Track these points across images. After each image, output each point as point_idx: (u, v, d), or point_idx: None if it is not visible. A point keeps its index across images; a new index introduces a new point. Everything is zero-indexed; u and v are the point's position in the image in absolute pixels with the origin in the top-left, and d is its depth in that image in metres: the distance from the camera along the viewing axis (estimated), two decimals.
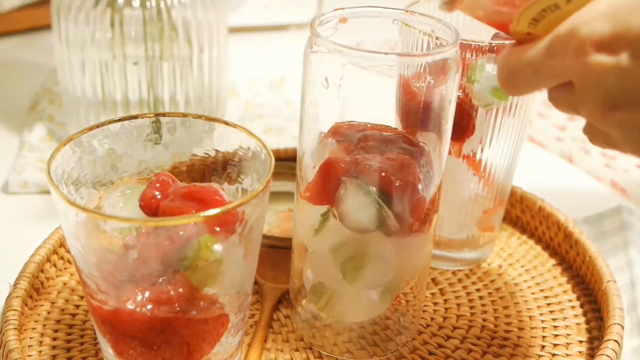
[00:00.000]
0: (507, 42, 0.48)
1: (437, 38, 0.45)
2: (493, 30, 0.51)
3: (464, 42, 0.48)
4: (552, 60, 0.35)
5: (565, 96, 0.37)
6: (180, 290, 0.36)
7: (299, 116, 0.45)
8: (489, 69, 0.49)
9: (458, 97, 0.44)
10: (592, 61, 0.33)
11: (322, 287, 0.46)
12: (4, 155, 0.71)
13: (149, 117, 0.43)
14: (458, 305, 0.53)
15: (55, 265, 0.53)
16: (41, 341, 0.48)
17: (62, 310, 0.50)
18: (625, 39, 0.33)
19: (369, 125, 0.44)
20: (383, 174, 0.42)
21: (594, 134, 0.38)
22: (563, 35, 0.35)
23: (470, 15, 0.43)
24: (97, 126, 0.42)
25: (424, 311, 0.52)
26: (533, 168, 0.72)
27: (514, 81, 0.38)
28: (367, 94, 0.43)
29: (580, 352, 0.49)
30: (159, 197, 0.39)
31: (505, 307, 0.53)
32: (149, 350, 0.38)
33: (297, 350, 0.48)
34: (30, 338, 0.48)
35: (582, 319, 0.52)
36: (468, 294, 0.54)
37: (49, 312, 0.50)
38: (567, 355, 0.49)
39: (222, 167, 0.44)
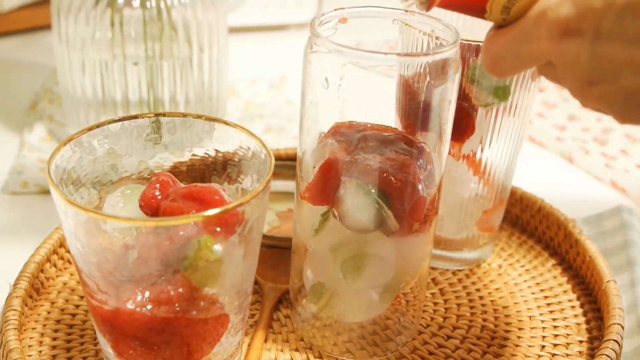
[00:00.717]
0: None
1: (437, 38, 0.45)
2: None
3: (464, 42, 0.48)
4: (529, 45, 0.37)
5: (550, 72, 0.38)
6: (180, 290, 0.36)
7: (299, 116, 0.45)
8: None
9: (458, 97, 0.44)
10: (563, 44, 0.35)
11: (322, 287, 0.46)
12: (4, 155, 0.71)
13: (149, 117, 0.43)
14: (458, 305, 0.53)
15: (55, 265, 0.53)
16: (41, 341, 0.48)
17: (62, 310, 0.50)
18: (589, 19, 0.34)
19: (369, 125, 0.44)
20: (383, 174, 0.42)
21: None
22: (533, 21, 0.36)
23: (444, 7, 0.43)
24: (97, 126, 0.42)
25: (424, 311, 0.52)
26: (533, 168, 0.72)
27: (499, 67, 0.39)
28: (367, 94, 0.43)
29: (580, 352, 0.49)
30: (159, 197, 0.39)
31: (505, 307, 0.53)
32: (149, 350, 0.38)
33: (297, 350, 0.48)
34: (30, 338, 0.48)
35: (582, 319, 0.52)
36: (468, 294, 0.54)
37: (49, 312, 0.50)
38: (567, 355, 0.49)
39: (222, 167, 0.44)
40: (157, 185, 0.40)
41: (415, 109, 0.43)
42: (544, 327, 0.51)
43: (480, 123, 0.51)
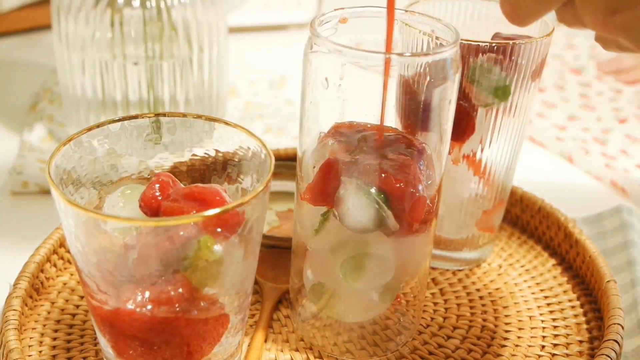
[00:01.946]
0: (506, 41, 0.48)
1: (437, 38, 0.45)
2: (493, 30, 0.51)
3: (464, 42, 0.48)
4: None
5: (571, 13, 0.37)
6: (180, 290, 0.36)
7: (299, 116, 0.45)
8: (489, 69, 0.49)
9: (458, 97, 0.44)
10: None
11: (322, 287, 0.46)
12: (4, 155, 0.71)
13: (149, 117, 0.43)
14: (458, 305, 0.53)
15: (55, 265, 0.53)
16: (41, 341, 0.48)
17: (62, 310, 0.50)
18: None
19: (369, 125, 0.44)
20: (383, 174, 0.42)
21: (605, 40, 0.39)
22: None
23: None
24: (97, 126, 0.42)
25: (424, 311, 0.52)
26: (533, 168, 0.72)
27: (519, 13, 0.38)
28: (367, 94, 0.43)
29: (580, 352, 0.49)
30: (159, 197, 0.39)
31: (505, 307, 0.53)
32: (149, 350, 0.38)
33: (297, 350, 0.48)
34: (30, 338, 0.48)
35: (582, 319, 0.52)
36: (468, 294, 0.54)
37: (49, 312, 0.50)
38: (567, 355, 0.49)
39: (222, 167, 0.44)
40: (157, 185, 0.39)
41: (415, 109, 0.43)
42: (544, 327, 0.51)
43: (480, 123, 0.51)
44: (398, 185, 0.42)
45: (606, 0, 0.35)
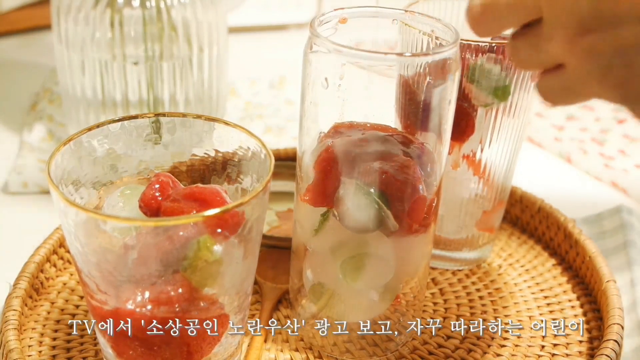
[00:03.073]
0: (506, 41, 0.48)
1: (437, 38, 0.45)
2: None
3: (464, 42, 0.48)
4: None
5: (529, 39, 0.37)
6: (180, 290, 0.36)
7: (299, 116, 0.45)
8: (489, 69, 0.49)
9: (458, 97, 0.44)
10: None
11: (322, 287, 0.46)
12: (4, 155, 0.71)
13: (148, 117, 0.43)
14: (458, 305, 0.53)
15: (55, 265, 0.53)
16: (41, 341, 0.48)
17: (62, 310, 0.50)
18: None
19: (368, 125, 0.44)
20: (382, 174, 0.42)
21: (549, 85, 0.38)
22: None
23: None
24: (97, 126, 0.42)
25: (424, 311, 0.52)
26: (532, 168, 0.72)
27: (485, 18, 0.38)
28: (367, 94, 0.43)
29: (580, 352, 0.49)
30: (158, 197, 0.39)
31: (505, 307, 0.53)
32: (149, 351, 0.38)
33: (297, 350, 0.48)
34: (30, 338, 0.48)
35: (582, 319, 0.52)
36: (468, 294, 0.54)
37: (49, 312, 0.50)
38: (567, 355, 0.49)
39: (222, 167, 0.44)
40: (157, 185, 0.39)
41: (415, 109, 0.43)
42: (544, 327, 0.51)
43: (480, 123, 0.51)
44: (397, 185, 0.42)
45: (582, 17, 0.34)
